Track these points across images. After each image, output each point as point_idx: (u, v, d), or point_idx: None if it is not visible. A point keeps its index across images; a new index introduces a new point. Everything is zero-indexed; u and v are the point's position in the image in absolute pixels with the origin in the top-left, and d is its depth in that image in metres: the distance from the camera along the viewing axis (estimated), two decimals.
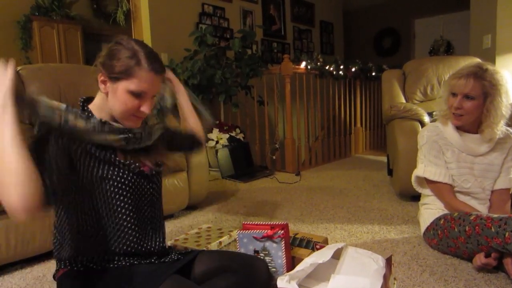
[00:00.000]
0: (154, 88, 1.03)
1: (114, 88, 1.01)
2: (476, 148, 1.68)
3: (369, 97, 5.34)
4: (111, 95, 1.02)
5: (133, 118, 1.05)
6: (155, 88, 1.04)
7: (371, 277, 1.02)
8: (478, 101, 1.61)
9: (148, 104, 1.03)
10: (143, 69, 0.99)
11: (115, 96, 1.01)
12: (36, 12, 5.04)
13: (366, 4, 7.73)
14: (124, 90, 0.99)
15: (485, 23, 3.58)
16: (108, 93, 1.02)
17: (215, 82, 3.66)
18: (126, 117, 1.04)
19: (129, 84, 0.99)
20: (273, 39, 5.50)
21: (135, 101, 1.01)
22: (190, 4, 4.24)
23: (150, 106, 1.04)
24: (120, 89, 1.00)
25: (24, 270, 1.68)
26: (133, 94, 1.00)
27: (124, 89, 0.99)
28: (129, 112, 1.02)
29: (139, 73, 0.98)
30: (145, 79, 0.99)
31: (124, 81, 0.99)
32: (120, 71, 0.98)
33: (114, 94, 1.01)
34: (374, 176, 3.44)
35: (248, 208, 2.58)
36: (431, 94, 2.90)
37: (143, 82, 0.99)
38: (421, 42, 7.28)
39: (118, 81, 0.99)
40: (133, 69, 0.98)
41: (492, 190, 1.72)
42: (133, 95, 1.00)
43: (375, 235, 1.95)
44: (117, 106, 1.02)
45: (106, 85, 1.02)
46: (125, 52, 0.99)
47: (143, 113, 1.04)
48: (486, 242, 1.38)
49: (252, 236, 1.40)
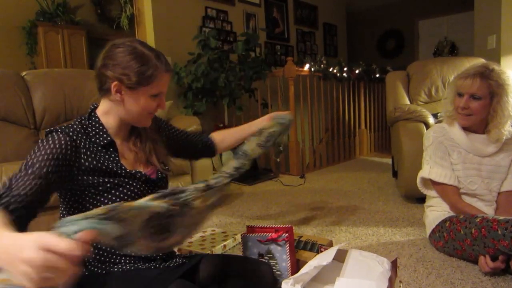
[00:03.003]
0: (167, 85, 1.08)
1: (133, 95, 1.02)
2: (484, 148, 1.67)
3: (373, 99, 5.32)
4: (129, 101, 1.03)
5: (147, 117, 1.09)
6: (168, 84, 1.09)
7: (376, 279, 1.01)
8: (485, 101, 1.60)
9: (163, 100, 1.09)
10: (161, 72, 1.02)
11: (134, 102, 1.03)
12: (41, 18, 5.08)
13: (370, 5, 7.72)
14: (144, 96, 1.02)
15: (489, 24, 3.56)
16: (124, 100, 1.03)
17: (219, 85, 3.67)
18: (144, 117, 1.08)
19: (150, 89, 1.02)
20: (277, 41, 5.50)
21: (154, 103, 1.05)
22: (193, 8, 4.25)
23: (165, 103, 1.09)
24: (141, 95, 1.02)
25: None
26: (153, 96, 1.04)
27: (144, 94, 1.02)
28: (147, 112, 1.06)
29: (158, 76, 1.01)
30: (164, 80, 1.04)
31: (144, 87, 1.01)
32: (138, 80, 1.00)
33: (133, 101, 1.03)
34: (379, 178, 3.42)
35: (253, 211, 2.57)
36: (435, 95, 2.89)
37: (161, 84, 1.04)
38: (425, 43, 7.26)
39: (137, 89, 1.01)
40: (152, 76, 1.00)
41: (498, 191, 1.70)
42: (152, 97, 1.04)
43: (380, 238, 1.94)
44: (136, 109, 1.04)
45: (122, 93, 1.02)
46: (136, 60, 0.99)
47: (161, 109, 1.10)
48: (493, 245, 1.37)
49: (256, 239, 1.40)
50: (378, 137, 5.44)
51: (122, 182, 1.04)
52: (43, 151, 0.91)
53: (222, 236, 1.96)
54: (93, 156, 1.02)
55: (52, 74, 2.40)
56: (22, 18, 4.98)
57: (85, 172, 0.99)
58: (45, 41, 5.06)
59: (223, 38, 4.57)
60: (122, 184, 1.03)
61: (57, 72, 2.43)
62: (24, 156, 2.08)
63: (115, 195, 1.02)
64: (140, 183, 1.07)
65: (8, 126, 2.15)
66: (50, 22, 5.13)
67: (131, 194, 1.05)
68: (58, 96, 2.31)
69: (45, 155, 0.91)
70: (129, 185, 1.05)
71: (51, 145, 0.93)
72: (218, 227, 2.25)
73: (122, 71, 0.99)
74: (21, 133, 2.17)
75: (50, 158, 0.91)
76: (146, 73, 0.99)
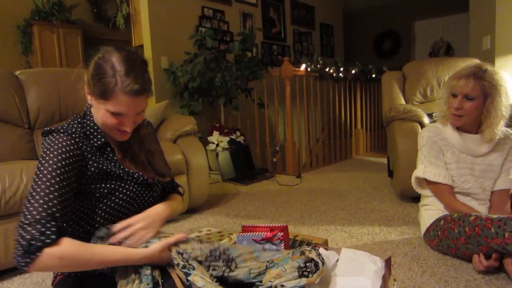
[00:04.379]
0: (135, 109, 0.99)
1: (96, 104, 1.00)
2: (477, 148, 1.68)
3: (369, 99, 5.34)
4: (94, 108, 1.03)
5: (115, 131, 1.03)
6: (137, 108, 0.99)
7: (371, 278, 1.01)
8: (478, 101, 1.61)
9: (129, 123, 1.01)
10: (119, 92, 0.93)
11: (97, 111, 1.01)
12: (36, 17, 5.05)
13: (366, 6, 7.74)
14: (103, 109, 0.98)
15: (484, 25, 3.58)
16: (93, 105, 1.03)
17: (215, 85, 3.66)
18: (108, 131, 1.03)
19: (107, 105, 0.96)
20: (273, 41, 5.50)
21: (115, 120, 0.99)
22: (190, 7, 4.25)
23: (131, 125, 1.02)
24: (101, 107, 0.98)
25: (23, 275, 1.68)
26: (112, 113, 0.98)
27: (103, 108, 0.98)
28: (109, 127, 1.02)
29: (116, 95, 0.94)
30: (122, 102, 0.95)
31: (103, 101, 0.96)
32: (98, 92, 0.95)
33: (97, 110, 1.01)
34: (375, 178, 3.43)
35: (249, 210, 2.57)
36: (430, 95, 2.90)
37: (119, 104, 0.95)
38: (421, 44, 7.29)
39: (98, 100, 0.97)
40: (109, 92, 0.94)
41: (492, 190, 1.71)
42: (112, 114, 0.98)
43: (375, 237, 1.95)
44: (99, 120, 1.02)
45: (91, 99, 1.01)
46: (105, 72, 0.94)
47: (125, 130, 1.02)
48: (486, 243, 1.37)
49: (251, 239, 1.40)
50: (374, 137, 5.46)
51: (118, 186, 1.03)
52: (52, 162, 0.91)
53: (217, 236, 1.95)
54: (94, 159, 1.01)
55: (47, 73, 2.38)
56: (17, 17, 4.96)
57: (89, 178, 0.99)
58: (40, 40, 5.04)
59: (220, 37, 4.57)
60: (118, 189, 1.02)
61: (51, 72, 2.42)
62: (18, 156, 2.08)
63: (110, 200, 1.01)
64: (136, 186, 1.07)
65: (2, 125, 2.13)
66: (46, 21, 5.11)
67: (127, 198, 1.04)
68: (53, 95, 2.30)
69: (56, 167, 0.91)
70: (125, 189, 1.04)
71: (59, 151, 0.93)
72: (214, 226, 2.25)
73: (91, 80, 0.97)
74: (15, 132, 2.16)
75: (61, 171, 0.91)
76: (105, 87, 0.93)
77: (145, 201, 1.11)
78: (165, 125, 2.57)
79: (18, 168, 1.68)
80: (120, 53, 0.97)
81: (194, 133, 2.69)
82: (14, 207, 1.62)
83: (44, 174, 0.89)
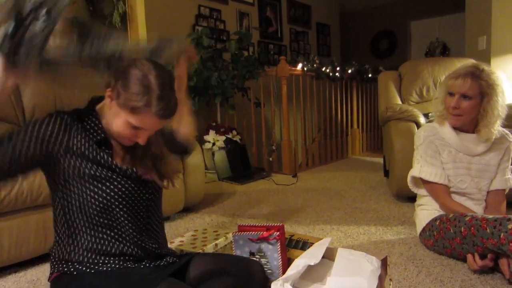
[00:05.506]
0: (155, 128, 1.01)
1: (116, 110, 0.99)
2: (473, 148, 1.69)
3: (366, 98, 5.35)
4: (112, 113, 1.01)
5: (126, 140, 1.04)
6: (157, 127, 1.02)
7: (367, 277, 1.01)
8: (475, 100, 1.61)
9: (145, 137, 1.02)
10: (149, 112, 0.94)
11: (115, 117, 1.00)
12: None
13: (363, 6, 7.75)
14: (124, 119, 0.97)
15: (480, 25, 3.60)
16: (111, 108, 1.01)
17: (212, 84, 3.66)
18: (119, 138, 1.04)
19: (131, 117, 0.96)
20: (270, 41, 5.50)
21: (132, 131, 1.00)
22: (186, 6, 4.23)
23: (145, 139, 1.02)
24: (122, 116, 0.98)
25: (17, 273, 1.66)
26: (132, 126, 0.98)
27: (124, 118, 0.97)
28: (123, 136, 1.02)
29: (145, 114, 0.95)
30: (148, 121, 0.97)
31: (127, 112, 0.96)
32: (128, 106, 0.95)
33: (115, 116, 1.00)
34: (371, 178, 3.44)
35: (245, 210, 2.57)
36: (426, 95, 2.91)
37: (145, 122, 0.97)
38: (417, 44, 7.31)
39: (121, 109, 0.97)
40: (140, 109, 0.94)
41: (488, 190, 1.72)
42: (132, 126, 0.98)
43: (371, 236, 1.95)
44: (114, 126, 1.01)
45: (112, 102, 1.00)
46: (138, 86, 0.93)
47: (137, 142, 1.03)
48: (482, 243, 1.38)
49: (247, 238, 1.40)
50: (370, 136, 5.47)
51: (109, 177, 1.02)
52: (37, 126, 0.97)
53: (213, 235, 1.95)
54: (83, 143, 1.01)
55: None
56: None
57: (72, 155, 0.99)
58: None
59: (216, 36, 4.56)
60: (109, 179, 1.02)
61: None
62: None
63: (102, 189, 1.01)
64: (129, 181, 1.06)
65: None
66: None
67: (118, 191, 1.03)
68: (48, 93, 2.28)
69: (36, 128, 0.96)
70: (117, 182, 1.04)
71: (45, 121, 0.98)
72: (210, 226, 2.25)
73: (119, 86, 0.96)
74: None
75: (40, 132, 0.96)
76: (136, 103, 0.94)
77: (141, 197, 1.10)
78: None
79: None
80: (156, 71, 0.96)
81: None
82: (9, 205, 1.60)
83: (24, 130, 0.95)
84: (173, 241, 1.88)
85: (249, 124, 4.22)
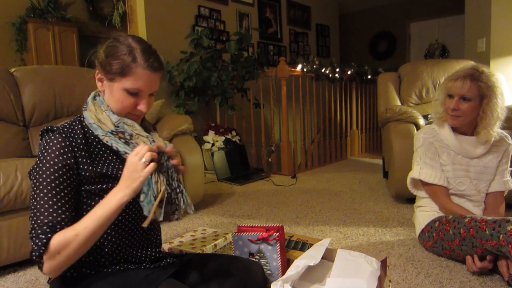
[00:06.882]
0: (151, 86, 1.02)
1: (110, 86, 1.00)
2: (472, 150, 1.69)
3: (365, 100, 5.35)
4: (107, 93, 1.02)
5: (130, 116, 1.04)
6: (152, 86, 1.02)
7: (366, 278, 1.01)
8: (475, 102, 1.62)
9: (145, 102, 1.03)
10: (139, 66, 0.97)
11: (111, 94, 1.01)
12: (32, 14, 5.01)
13: (362, 7, 7.77)
14: (120, 88, 0.99)
15: (479, 27, 3.60)
16: (105, 91, 1.03)
17: (211, 85, 3.66)
18: (123, 115, 1.03)
19: (125, 82, 0.98)
20: (269, 41, 5.50)
21: (131, 100, 1.00)
22: (186, 7, 4.24)
23: (146, 105, 1.03)
24: (116, 87, 0.99)
25: (17, 273, 1.66)
26: (129, 92, 0.99)
27: (120, 87, 0.99)
28: (125, 110, 1.02)
29: (135, 70, 0.97)
30: (141, 76, 0.98)
31: (120, 79, 0.98)
32: (116, 69, 0.97)
33: (111, 93, 1.01)
34: (370, 179, 3.44)
35: (244, 210, 2.57)
36: (426, 97, 2.92)
37: (139, 79, 0.98)
38: (416, 46, 7.32)
39: (114, 80, 0.99)
40: (129, 67, 0.97)
41: (486, 192, 1.72)
42: (129, 93, 0.99)
43: (370, 238, 1.95)
44: (113, 104, 1.01)
45: (103, 83, 1.02)
46: (121, 49, 0.98)
47: (140, 111, 1.03)
48: (481, 245, 1.38)
49: (247, 239, 1.40)
50: (369, 138, 5.48)
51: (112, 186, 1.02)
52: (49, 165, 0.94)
53: (213, 236, 1.95)
54: (90, 162, 1.00)
55: (42, 71, 2.36)
56: (12, 14, 4.91)
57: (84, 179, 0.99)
58: (35, 37, 4.99)
59: (216, 37, 4.56)
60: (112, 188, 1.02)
61: (47, 69, 2.40)
62: (12, 153, 2.06)
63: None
64: None
65: None
66: (41, 19, 5.06)
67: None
68: (48, 93, 2.28)
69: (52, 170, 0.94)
70: None
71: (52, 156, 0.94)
72: (209, 226, 2.25)
73: (106, 60, 0.99)
74: (10, 130, 2.14)
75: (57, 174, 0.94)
76: (124, 63, 0.97)
77: None
78: (161, 123, 2.56)
79: (13, 165, 1.66)
80: (132, 36, 1.02)
81: (190, 132, 2.68)
82: (9, 205, 1.60)
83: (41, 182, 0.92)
84: (173, 242, 1.88)
85: (248, 124, 4.23)
